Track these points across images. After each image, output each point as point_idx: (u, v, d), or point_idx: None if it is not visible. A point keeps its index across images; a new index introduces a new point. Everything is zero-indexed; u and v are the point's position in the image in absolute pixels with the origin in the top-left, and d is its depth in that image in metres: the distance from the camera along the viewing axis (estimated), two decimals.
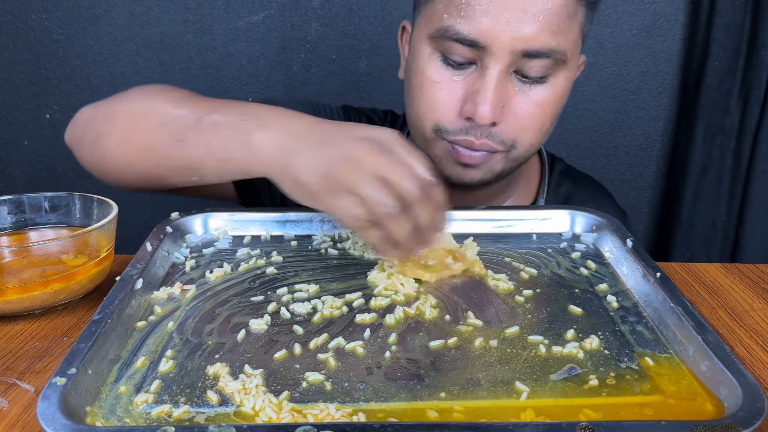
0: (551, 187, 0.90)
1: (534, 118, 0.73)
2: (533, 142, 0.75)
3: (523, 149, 0.75)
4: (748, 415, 0.42)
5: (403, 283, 0.62)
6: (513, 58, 0.69)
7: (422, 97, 0.74)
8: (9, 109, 1.40)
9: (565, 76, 0.73)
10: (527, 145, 0.75)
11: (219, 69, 1.38)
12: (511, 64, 0.69)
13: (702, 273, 0.72)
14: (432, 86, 0.73)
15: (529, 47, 0.68)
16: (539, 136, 0.75)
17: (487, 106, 0.69)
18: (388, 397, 0.47)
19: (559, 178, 0.91)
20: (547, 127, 0.75)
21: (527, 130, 0.74)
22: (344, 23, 1.35)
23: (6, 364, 0.54)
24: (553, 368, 0.50)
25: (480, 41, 0.68)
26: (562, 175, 0.92)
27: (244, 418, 0.45)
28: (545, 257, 0.68)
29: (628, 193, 1.48)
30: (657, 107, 1.42)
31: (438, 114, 0.73)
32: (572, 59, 0.73)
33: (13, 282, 0.59)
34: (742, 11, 1.27)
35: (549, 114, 0.74)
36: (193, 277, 0.64)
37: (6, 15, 1.34)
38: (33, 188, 0.74)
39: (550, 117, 0.74)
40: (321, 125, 0.62)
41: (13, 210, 0.69)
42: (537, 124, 0.74)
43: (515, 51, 0.68)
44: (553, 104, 0.74)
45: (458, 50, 0.70)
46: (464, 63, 0.71)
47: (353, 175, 0.55)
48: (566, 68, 0.72)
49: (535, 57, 0.69)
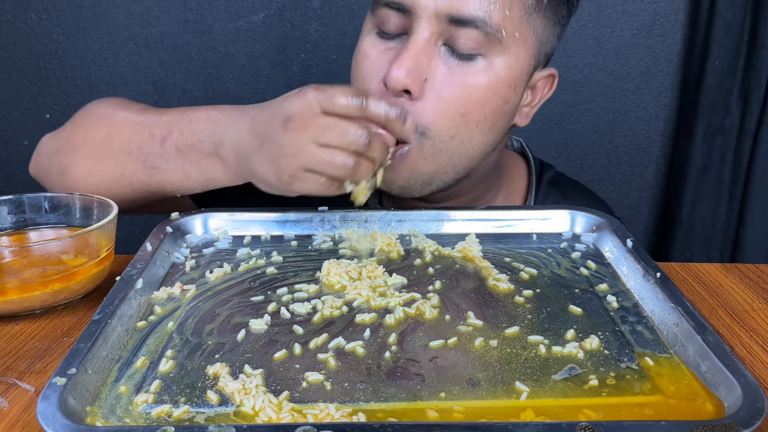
0: (538, 197, 0.86)
1: (456, 101, 0.68)
2: (452, 131, 0.69)
3: (439, 140, 0.69)
4: (748, 415, 0.42)
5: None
6: (439, 25, 0.66)
7: (355, 74, 0.72)
8: (9, 109, 1.40)
9: (504, 63, 0.68)
10: (444, 135, 0.69)
11: (219, 69, 1.38)
12: (438, 33, 0.66)
13: (702, 273, 0.72)
14: (364, 61, 0.72)
15: (455, 12, 0.65)
16: (462, 126, 0.69)
17: (400, 69, 0.65)
18: (388, 397, 0.47)
19: (548, 188, 0.87)
20: (474, 118, 0.69)
21: (446, 115, 0.68)
22: (344, 23, 1.35)
23: (6, 364, 0.54)
24: (553, 368, 0.50)
25: (405, 4, 0.66)
26: (550, 185, 0.87)
27: (244, 418, 0.45)
28: (545, 257, 0.68)
29: (628, 193, 1.48)
30: (657, 107, 1.42)
31: (361, 84, 0.72)
32: (513, 45, 0.68)
33: (13, 282, 0.59)
34: (742, 11, 1.27)
35: (476, 102, 0.68)
36: (193, 277, 0.64)
37: (6, 15, 1.34)
38: (33, 188, 0.74)
39: (479, 107, 0.68)
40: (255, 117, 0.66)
41: (13, 210, 0.69)
42: (458, 110, 0.68)
43: (440, 14, 0.65)
44: (485, 92, 0.68)
45: (389, 18, 0.68)
46: (397, 34, 0.69)
47: (298, 158, 0.61)
48: (505, 54, 0.68)
49: (463, 25, 0.65)
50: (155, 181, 0.73)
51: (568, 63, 1.39)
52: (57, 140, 0.79)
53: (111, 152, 0.74)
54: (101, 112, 0.78)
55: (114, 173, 0.74)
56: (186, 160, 0.70)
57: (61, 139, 0.79)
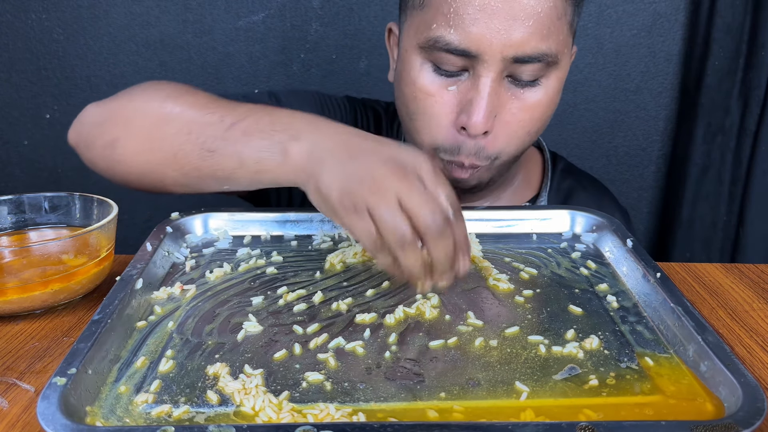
0: (554, 183, 0.90)
1: (523, 125, 0.73)
2: (520, 148, 0.75)
3: (508, 158, 0.75)
4: (748, 415, 0.42)
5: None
6: (504, 65, 0.68)
7: (417, 110, 0.73)
8: (9, 109, 1.40)
9: (556, 77, 0.73)
10: (513, 153, 0.75)
11: (219, 69, 1.38)
12: (503, 71, 0.69)
13: (702, 273, 0.72)
14: (426, 99, 0.72)
15: (520, 53, 0.68)
16: (526, 141, 0.75)
17: (479, 116, 0.69)
18: (388, 397, 0.47)
19: (562, 175, 0.91)
20: (536, 130, 0.75)
21: (514, 138, 0.73)
22: (344, 23, 1.35)
23: (6, 364, 0.54)
24: (553, 368, 0.50)
25: (471, 50, 0.68)
26: (564, 172, 0.92)
27: (243, 418, 0.45)
28: (545, 257, 0.68)
29: (628, 193, 1.48)
30: (657, 107, 1.42)
31: (434, 130, 0.73)
32: (563, 59, 0.72)
33: (13, 282, 0.59)
34: (742, 11, 1.27)
35: (539, 118, 0.73)
36: (193, 277, 0.64)
37: (6, 15, 1.34)
38: (33, 188, 0.74)
39: (540, 120, 0.74)
40: (355, 139, 0.60)
41: (13, 210, 0.69)
42: (525, 130, 0.73)
43: (506, 58, 0.68)
44: (544, 107, 0.73)
45: (449, 60, 0.69)
46: (456, 72, 0.71)
47: (373, 196, 0.54)
48: (558, 69, 0.72)
49: (527, 62, 0.68)
50: (207, 165, 0.65)
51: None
52: (106, 108, 0.72)
53: (169, 130, 0.67)
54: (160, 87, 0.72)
55: (167, 153, 0.67)
56: (247, 145, 0.63)
57: (111, 108, 0.72)
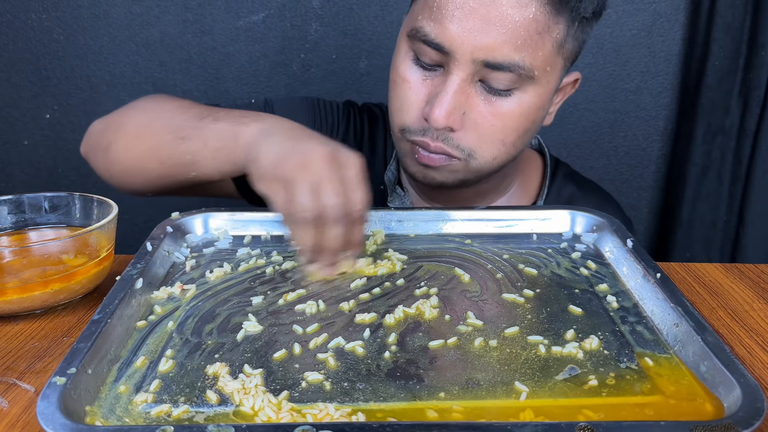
0: (553, 189, 0.90)
1: (494, 129, 0.72)
2: (494, 154, 0.74)
3: (484, 161, 0.74)
4: (747, 415, 0.42)
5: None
6: (476, 67, 0.69)
7: (394, 94, 0.75)
8: (9, 109, 1.40)
9: (535, 92, 0.72)
10: (488, 157, 0.74)
11: (219, 69, 1.38)
12: (474, 73, 0.69)
13: (702, 273, 0.72)
14: (403, 84, 0.74)
15: (491, 58, 0.68)
16: (501, 149, 0.74)
17: (441, 110, 0.69)
18: (387, 397, 0.47)
19: (564, 181, 0.91)
20: (511, 140, 0.74)
21: (487, 141, 0.73)
22: (344, 23, 1.35)
23: (6, 364, 0.54)
24: (552, 368, 0.50)
25: (444, 46, 0.68)
26: (566, 178, 0.91)
27: (243, 417, 0.45)
28: (545, 257, 0.68)
29: (628, 193, 1.48)
30: (657, 107, 1.42)
31: (404, 114, 0.74)
32: (544, 77, 0.71)
33: (13, 282, 0.59)
34: (742, 11, 1.27)
35: (513, 128, 0.73)
36: (193, 277, 0.64)
37: (6, 15, 1.34)
38: (33, 188, 0.74)
39: (514, 131, 0.73)
40: (308, 132, 0.65)
41: (13, 210, 0.69)
42: (497, 136, 0.73)
43: (477, 60, 0.68)
44: (518, 119, 0.72)
45: (427, 52, 0.70)
46: (433, 65, 0.71)
47: (299, 171, 0.59)
48: (536, 84, 0.71)
49: (497, 69, 0.68)
50: (179, 152, 0.71)
51: None
52: (106, 120, 0.81)
53: (152, 129, 0.75)
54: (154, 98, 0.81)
55: (149, 145, 0.74)
56: (213, 130, 0.69)
57: (110, 120, 0.81)
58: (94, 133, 0.82)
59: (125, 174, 0.78)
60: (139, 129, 0.76)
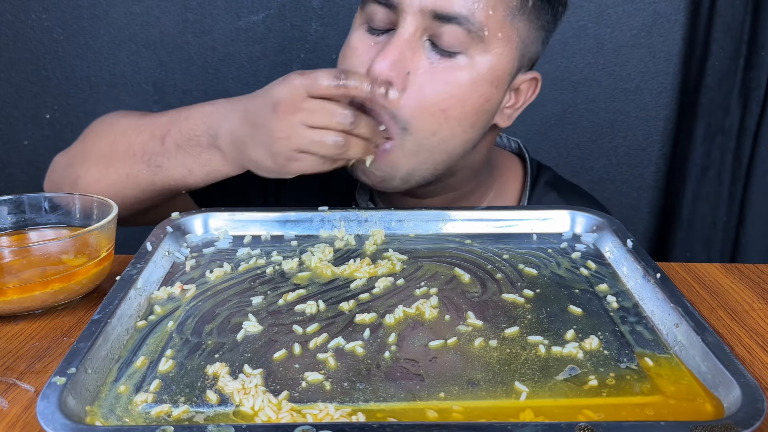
0: (534, 197, 0.87)
1: (437, 96, 0.68)
2: (434, 128, 0.70)
3: (420, 136, 0.70)
4: (747, 415, 0.42)
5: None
6: (424, 20, 0.67)
7: (340, 66, 0.73)
8: (9, 109, 1.40)
9: (486, 61, 0.69)
10: (425, 131, 0.70)
11: (219, 69, 1.38)
12: (423, 29, 0.68)
13: (702, 273, 0.72)
14: (351, 53, 0.73)
15: (439, 8, 0.66)
16: (443, 124, 0.70)
17: (384, 61, 0.67)
18: (387, 397, 0.47)
19: (545, 189, 0.87)
20: (454, 116, 0.70)
21: (428, 110, 0.69)
22: (344, 23, 1.35)
23: (6, 364, 0.54)
24: (552, 368, 0.50)
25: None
26: (548, 186, 0.88)
27: (243, 417, 0.45)
28: (545, 257, 0.68)
29: (628, 193, 1.48)
30: (657, 107, 1.42)
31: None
32: (494, 44, 0.69)
33: (13, 282, 0.59)
34: (742, 11, 1.27)
35: (458, 99, 0.69)
36: (193, 277, 0.64)
37: (6, 15, 1.34)
38: (33, 188, 0.74)
39: (459, 102, 0.69)
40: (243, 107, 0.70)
41: (13, 210, 0.69)
42: (439, 105, 0.69)
43: (425, 10, 0.67)
44: (465, 88, 0.69)
45: (377, 13, 0.70)
46: (385, 30, 0.71)
47: (291, 142, 0.65)
48: (486, 51, 0.69)
49: (446, 21, 0.67)
50: (160, 179, 0.75)
51: (568, 63, 1.39)
52: (67, 155, 0.83)
53: (117, 156, 0.77)
54: (105, 122, 0.83)
55: (121, 175, 0.77)
56: (187, 156, 0.73)
57: (70, 154, 0.83)
58: (57, 170, 0.84)
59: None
60: (104, 159, 0.78)
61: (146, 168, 0.75)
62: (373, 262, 0.66)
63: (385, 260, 0.66)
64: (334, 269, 0.65)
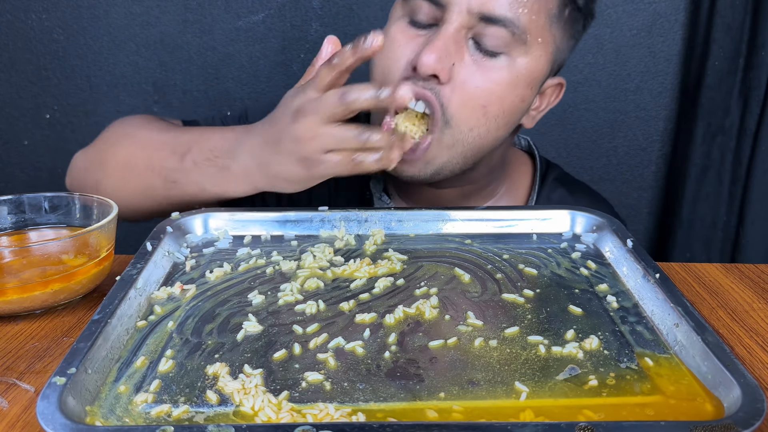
0: (543, 193, 0.89)
1: (480, 92, 0.71)
2: (473, 124, 0.72)
3: (459, 131, 0.72)
4: (747, 415, 0.42)
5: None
6: (470, 19, 0.69)
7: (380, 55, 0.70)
8: (9, 109, 1.40)
9: (524, 64, 0.71)
10: (465, 127, 0.72)
11: (219, 69, 1.38)
12: (468, 26, 0.69)
13: (702, 273, 0.72)
14: (391, 44, 0.72)
15: (486, 10, 0.68)
16: (481, 120, 0.72)
17: (432, 53, 0.69)
18: (387, 397, 0.47)
19: (554, 185, 0.90)
20: (492, 112, 0.72)
21: (469, 105, 0.71)
22: (344, 23, 1.35)
23: (6, 364, 0.54)
24: (552, 368, 0.50)
25: None
26: (557, 182, 0.90)
27: (243, 417, 0.45)
28: (545, 257, 0.68)
29: (628, 193, 1.48)
30: (657, 107, 1.42)
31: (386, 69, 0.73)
32: (534, 47, 0.71)
33: (13, 282, 0.59)
34: (742, 11, 1.27)
35: (498, 96, 0.71)
36: (193, 277, 0.64)
37: (6, 15, 1.34)
38: (33, 188, 0.74)
39: (499, 100, 0.72)
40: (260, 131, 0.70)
41: (13, 210, 0.69)
42: (481, 101, 0.71)
43: (472, 11, 0.68)
44: (505, 86, 0.71)
45: (422, 8, 0.71)
46: (428, 24, 0.72)
47: (316, 142, 0.64)
48: (526, 53, 0.71)
49: (492, 23, 0.69)
50: (174, 194, 0.77)
51: (568, 63, 1.37)
52: (85, 158, 0.85)
53: (135, 170, 0.79)
54: (124, 131, 0.84)
55: (139, 189, 0.79)
56: (201, 174, 0.74)
57: (88, 157, 0.84)
58: (77, 170, 0.85)
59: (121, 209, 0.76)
60: (123, 168, 0.79)
61: (163, 183, 0.76)
62: (373, 262, 0.66)
63: (385, 260, 0.66)
64: (335, 269, 0.65)
